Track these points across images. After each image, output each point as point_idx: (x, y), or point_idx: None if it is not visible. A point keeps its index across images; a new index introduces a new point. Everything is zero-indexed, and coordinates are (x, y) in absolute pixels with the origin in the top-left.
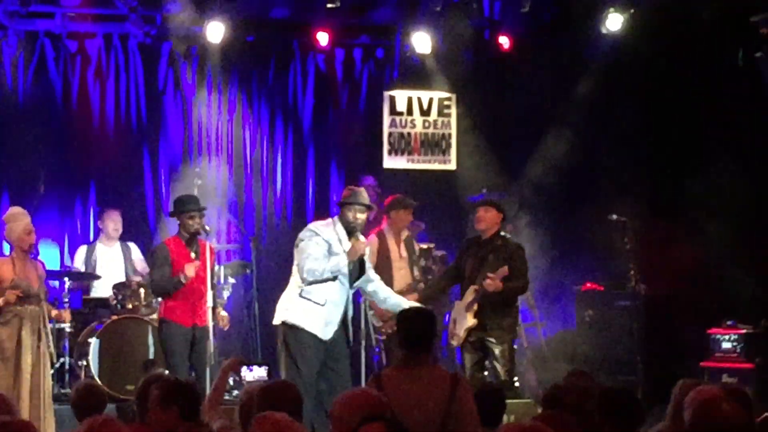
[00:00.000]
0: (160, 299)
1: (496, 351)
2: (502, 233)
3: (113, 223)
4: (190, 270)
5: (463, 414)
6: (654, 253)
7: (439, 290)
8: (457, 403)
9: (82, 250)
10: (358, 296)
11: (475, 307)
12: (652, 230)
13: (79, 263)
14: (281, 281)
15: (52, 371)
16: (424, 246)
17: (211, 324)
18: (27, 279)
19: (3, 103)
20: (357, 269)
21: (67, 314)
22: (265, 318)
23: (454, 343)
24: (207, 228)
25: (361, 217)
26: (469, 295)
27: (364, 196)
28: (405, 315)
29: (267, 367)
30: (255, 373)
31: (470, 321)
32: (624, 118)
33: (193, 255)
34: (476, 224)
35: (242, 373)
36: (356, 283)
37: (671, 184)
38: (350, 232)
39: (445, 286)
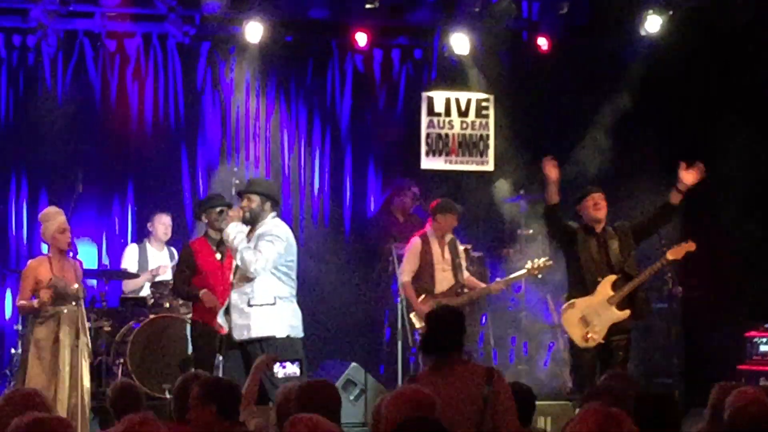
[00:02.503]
0: None
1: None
2: None
3: (163, 226)
4: (208, 299)
5: (501, 410)
6: (691, 256)
7: None
8: (493, 400)
9: (133, 250)
10: (395, 297)
11: (619, 298)
12: (689, 233)
13: (131, 262)
14: (318, 282)
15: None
16: (462, 247)
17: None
18: (64, 278)
19: (42, 102)
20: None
21: None
22: (303, 316)
23: (590, 344)
24: None
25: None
26: (608, 286)
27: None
28: (431, 314)
29: (299, 363)
30: (287, 370)
31: (618, 314)
32: (661, 120)
33: (218, 255)
34: (596, 211)
35: (275, 370)
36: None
37: (707, 186)
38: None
39: None
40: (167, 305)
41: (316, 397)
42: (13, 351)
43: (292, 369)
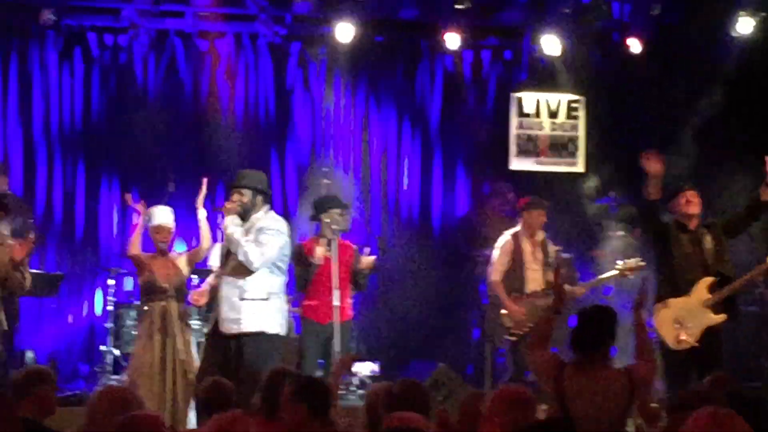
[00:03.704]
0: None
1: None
2: None
3: None
4: (318, 252)
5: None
6: None
7: None
8: (635, 401)
9: (219, 249)
10: (483, 298)
11: (716, 301)
12: None
13: (217, 260)
14: (407, 280)
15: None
16: (554, 248)
17: (337, 323)
18: (156, 275)
19: (133, 101)
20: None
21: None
22: (390, 316)
23: (682, 346)
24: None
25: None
26: (704, 288)
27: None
28: (583, 313)
29: (379, 362)
30: (365, 367)
31: (714, 318)
32: (754, 121)
33: (330, 254)
34: (688, 207)
35: (354, 369)
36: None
37: None
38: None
39: None
40: None
41: (405, 397)
42: (103, 348)
43: (371, 367)
